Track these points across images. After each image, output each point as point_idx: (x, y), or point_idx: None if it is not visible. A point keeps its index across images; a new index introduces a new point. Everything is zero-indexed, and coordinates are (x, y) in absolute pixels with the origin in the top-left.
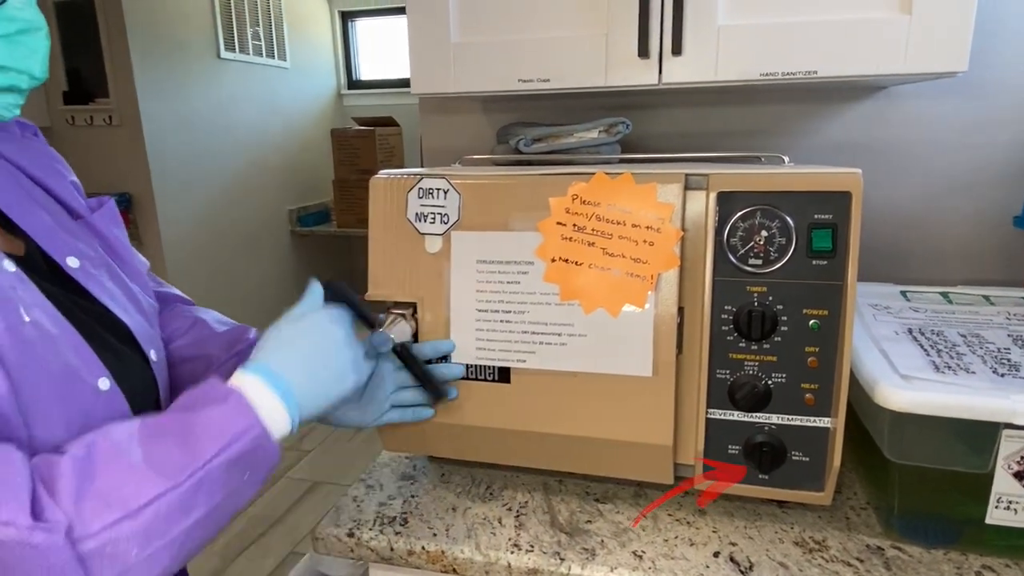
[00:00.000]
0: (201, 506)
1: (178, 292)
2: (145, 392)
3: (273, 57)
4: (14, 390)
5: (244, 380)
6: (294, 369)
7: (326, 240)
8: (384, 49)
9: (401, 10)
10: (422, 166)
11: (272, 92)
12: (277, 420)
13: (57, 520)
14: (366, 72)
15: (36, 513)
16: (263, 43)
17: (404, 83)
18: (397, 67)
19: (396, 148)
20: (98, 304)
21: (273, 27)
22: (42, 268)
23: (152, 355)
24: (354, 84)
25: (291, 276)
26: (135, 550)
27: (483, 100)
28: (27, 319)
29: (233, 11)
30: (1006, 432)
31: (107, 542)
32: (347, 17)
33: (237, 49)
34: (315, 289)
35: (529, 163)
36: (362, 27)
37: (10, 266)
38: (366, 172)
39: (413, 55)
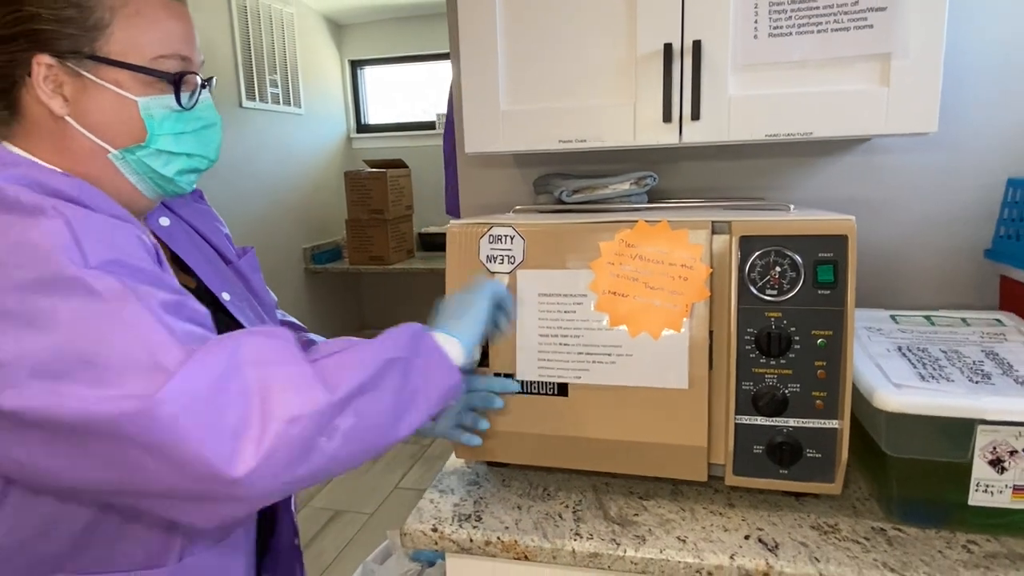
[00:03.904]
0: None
1: (296, 321)
2: None
3: (289, 104)
4: None
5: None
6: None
7: (338, 276)
8: (390, 95)
9: (406, 58)
10: (448, 210)
11: (288, 137)
12: (452, 349)
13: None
14: (374, 116)
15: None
16: (280, 91)
17: (410, 127)
18: (402, 111)
19: (406, 189)
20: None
21: (289, 76)
22: (207, 300)
23: None
24: (362, 128)
25: (306, 309)
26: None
27: (515, 156)
28: None
29: (253, 62)
30: (981, 427)
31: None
32: (356, 65)
33: (257, 98)
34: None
35: (569, 211)
36: (370, 74)
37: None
38: (377, 212)
39: (468, 120)
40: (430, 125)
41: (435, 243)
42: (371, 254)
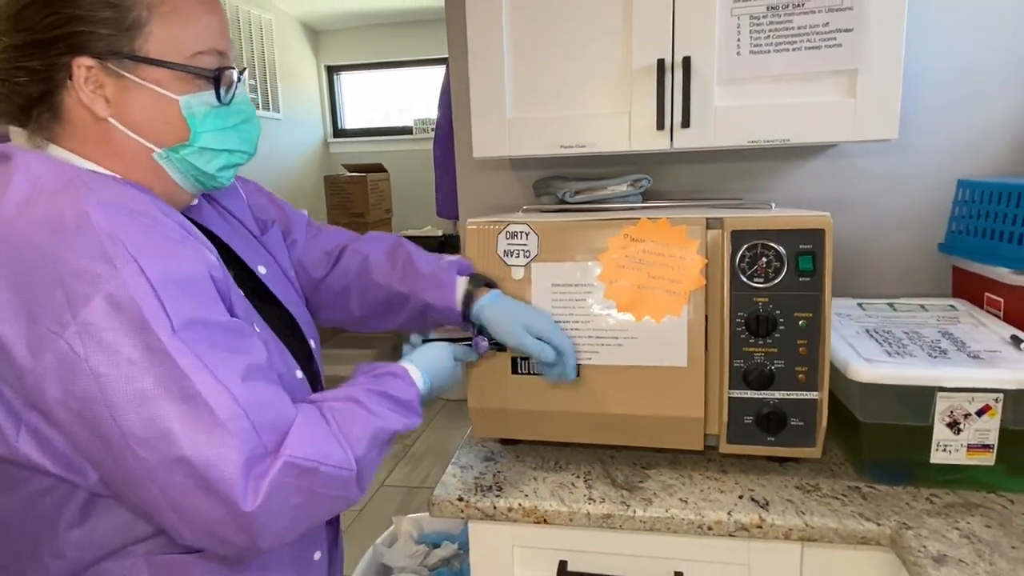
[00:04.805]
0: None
1: (339, 230)
2: (314, 377)
3: (268, 109)
4: None
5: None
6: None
7: None
8: (367, 100)
9: (382, 64)
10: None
11: (267, 141)
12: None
13: (352, 457)
14: (350, 121)
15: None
16: (259, 96)
17: (386, 131)
18: (379, 116)
19: (385, 192)
20: (280, 306)
21: (268, 81)
22: (244, 279)
23: (312, 344)
24: (339, 132)
25: None
26: (376, 464)
27: (513, 160)
28: (258, 329)
29: None
30: (940, 394)
31: (368, 464)
32: (332, 71)
33: None
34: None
35: (573, 210)
36: (346, 80)
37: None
38: (358, 215)
39: (476, 127)
40: (407, 130)
41: None
42: None
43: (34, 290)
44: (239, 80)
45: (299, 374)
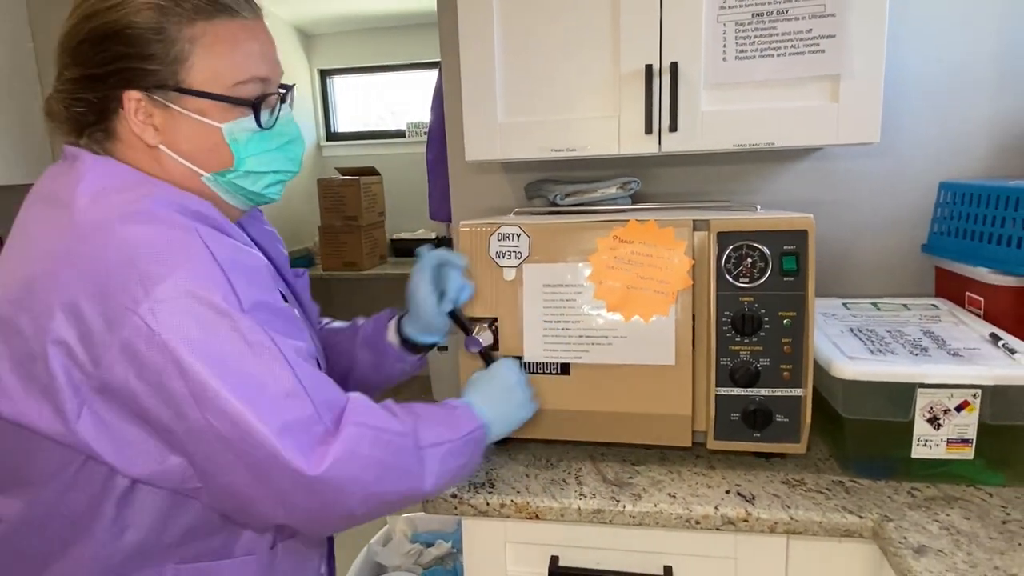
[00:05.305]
0: (458, 458)
1: (337, 324)
2: None
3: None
4: None
5: (472, 407)
6: (495, 413)
7: (310, 283)
8: (360, 103)
9: (375, 68)
10: (432, 215)
11: None
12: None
13: (414, 432)
14: (343, 124)
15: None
16: None
17: (379, 135)
18: (372, 120)
19: (378, 195)
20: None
21: None
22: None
23: None
24: (332, 136)
25: None
26: (439, 463)
27: (505, 163)
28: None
29: None
30: (920, 391)
31: (431, 451)
32: (325, 74)
33: None
34: (502, 362)
35: (564, 212)
36: (339, 83)
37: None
38: (351, 219)
39: (468, 131)
40: (400, 134)
41: (407, 249)
42: (345, 260)
43: (109, 270)
44: (283, 100)
45: None
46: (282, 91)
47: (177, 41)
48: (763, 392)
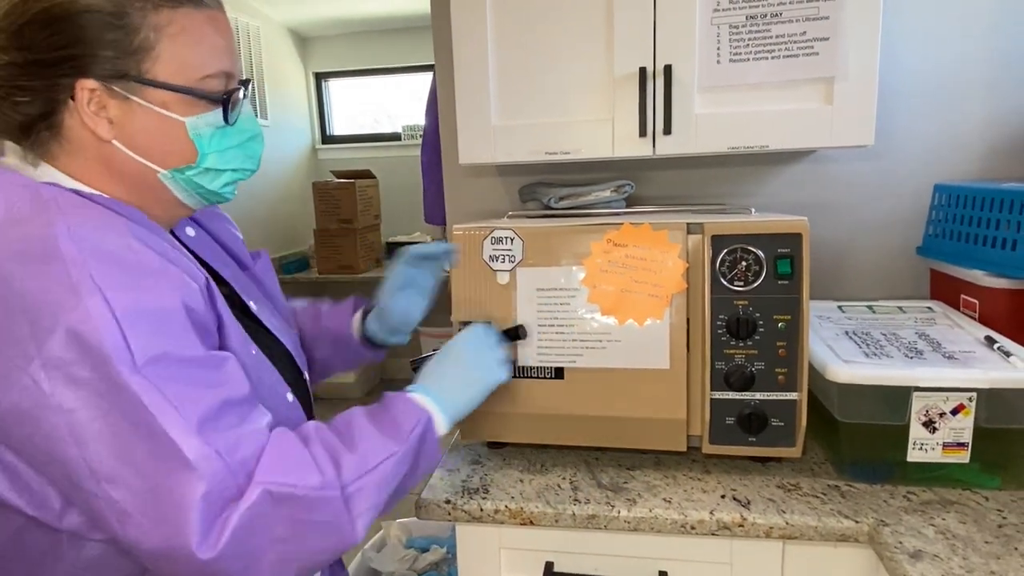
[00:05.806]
0: (400, 467)
1: (304, 304)
2: (306, 401)
3: (256, 116)
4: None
5: (413, 394)
6: (443, 386)
7: (306, 286)
8: (355, 106)
9: (371, 71)
10: (427, 219)
11: None
12: (437, 422)
13: (336, 480)
14: (338, 128)
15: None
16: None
17: (374, 138)
18: (367, 123)
19: (374, 198)
20: (270, 334)
21: (255, 88)
22: (238, 306)
23: (305, 373)
24: (328, 139)
25: None
26: (373, 496)
27: (499, 166)
28: (253, 352)
29: None
30: (915, 394)
31: (360, 488)
32: (320, 78)
33: None
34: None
35: (558, 215)
36: (335, 86)
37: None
38: (346, 222)
39: (462, 135)
40: (395, 137)
41: None
42: (340, 263)
43: (1, 322)
44: (245, 95)
45: (290, 397)
46: (242, 87)
47: (141, 28)
48: (758, 396)
